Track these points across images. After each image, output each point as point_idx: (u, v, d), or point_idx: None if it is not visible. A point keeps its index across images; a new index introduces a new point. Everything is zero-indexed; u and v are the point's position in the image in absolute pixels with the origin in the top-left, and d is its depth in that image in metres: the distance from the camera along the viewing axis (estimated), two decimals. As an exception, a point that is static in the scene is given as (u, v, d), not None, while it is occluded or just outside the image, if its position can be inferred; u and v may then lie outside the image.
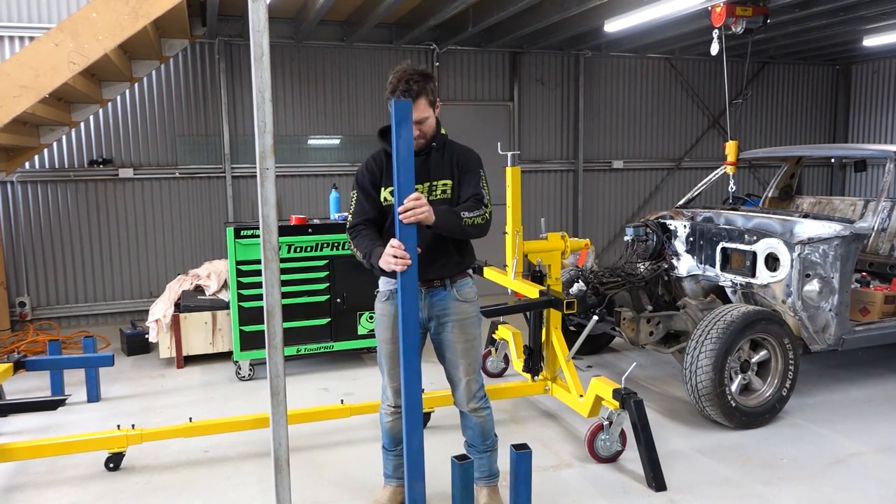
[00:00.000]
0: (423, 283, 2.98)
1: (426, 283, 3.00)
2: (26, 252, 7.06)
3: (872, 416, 4.50)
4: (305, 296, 5.42)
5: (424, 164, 2.99)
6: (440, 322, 3.05)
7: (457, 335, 3.05)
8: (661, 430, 4.20)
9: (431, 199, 2.95)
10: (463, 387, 3.12)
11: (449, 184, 3.02)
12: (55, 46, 4.54)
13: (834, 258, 4.45)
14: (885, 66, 10.04)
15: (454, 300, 3.05)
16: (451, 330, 3.05)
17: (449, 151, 3.05)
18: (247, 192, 7.71)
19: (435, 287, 3.03)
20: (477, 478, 3.23)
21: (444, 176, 3.02)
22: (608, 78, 9.27)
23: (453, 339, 3.05)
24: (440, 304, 3.04)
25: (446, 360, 3.12)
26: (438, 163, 3.02)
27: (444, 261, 3.02)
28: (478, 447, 3.21)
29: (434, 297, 3.04)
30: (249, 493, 3.55)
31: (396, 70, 2.89)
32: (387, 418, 3.20)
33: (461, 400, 3.15)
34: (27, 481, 3.71)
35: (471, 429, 3.20)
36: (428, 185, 3.00)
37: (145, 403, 4.89)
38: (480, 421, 3.18)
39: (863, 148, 6.20)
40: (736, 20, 5.69)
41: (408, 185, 2.61)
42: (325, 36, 7.71)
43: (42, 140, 6.19)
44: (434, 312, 3.05)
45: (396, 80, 2.84)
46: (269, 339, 2.36)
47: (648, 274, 5.21)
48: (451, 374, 3.14)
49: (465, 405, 3.15)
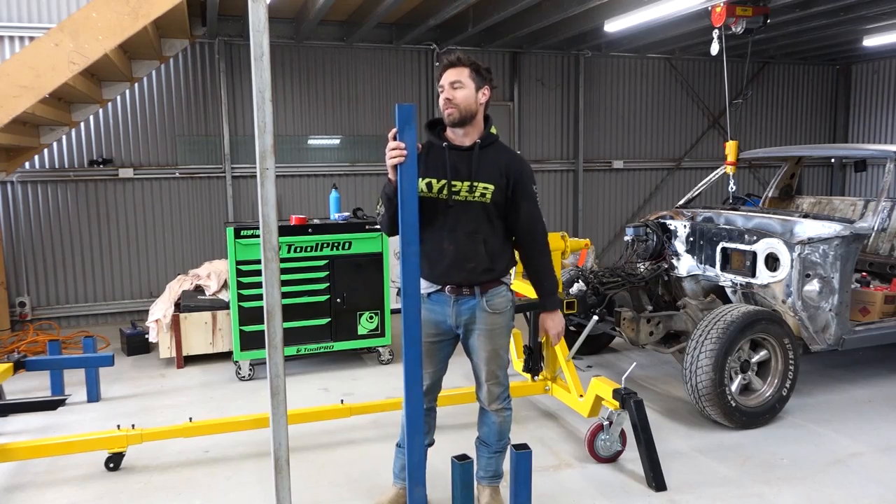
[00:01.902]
0: (452, 289, 2.93)
1: (455, 290, 2.94)
2: (26, 252, 7.06)
3: (872, 416, 4.50)
4: (305, 296, 5.41)
5: (467, 161, 2.89)
6: (468, 329, 3.00)
7: (482, 343, 3.00)
8: (661, 430, 4.20)
9: (466, 200, 2.87)
10: (485, 390, 3.11)
11: (490, 188, 2.87)
12: (55, 46, 4.54)
13: (834, 258, 4.44)
14: (885, 66, 10.04)
15: (483, 311, 2.96)
16: (478, 338, 3.00)
17: (498, 154, 2.94)
18: (247, 192, 7.71)
19: (464, 295, 2.94)
20: (481, 477, 3.23)
21: (488, 179, 2.88)
22: (608, 78, 9.27)
23: (479, 347, 3.02)
24: (468, 313, 2.97)
25: (472, 362, 3.11)
26: (484, 163, 2.90)
27: (474, 266, 2.91)
28: (492, 446, 3.20)
29: (462, 306, 2.96)
30: (249, 493, 3.55)
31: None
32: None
33: (483, 400, 3.16)
34: (27, 481, 3.71)
35: (488, 426, 3.18)
36: (468, 185, 2.87)
37: (145, 403, 4.89)
38: (500, 421, 3.15)
39: (863, 148, 6.20)
40: (736, 20, 5.69)
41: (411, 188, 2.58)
42: (325, 36, 7.71)
43: (42, 140, 6.19)
44: (462, 321, 2.98)
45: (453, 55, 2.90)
46: (269, 339, 2.36)
47: (648, 274, 5.21)
48: (477, 375, 3.13)
49: (486, 405, 3.15)
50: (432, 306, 2.98)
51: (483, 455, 3.22)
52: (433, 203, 2.87)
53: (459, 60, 2.88)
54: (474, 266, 2.90)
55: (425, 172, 2.87)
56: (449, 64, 2.89)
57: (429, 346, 2.98)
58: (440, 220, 2.89)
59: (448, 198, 2.86)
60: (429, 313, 2.97)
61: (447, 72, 2.88)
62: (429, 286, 2.97)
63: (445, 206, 2.87)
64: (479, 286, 2.94)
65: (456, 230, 2.86)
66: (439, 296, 2.97)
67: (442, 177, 2.87)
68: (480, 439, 3.24)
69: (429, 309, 2.97)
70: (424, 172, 2.86)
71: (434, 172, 2.88)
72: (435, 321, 3.00)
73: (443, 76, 2.89)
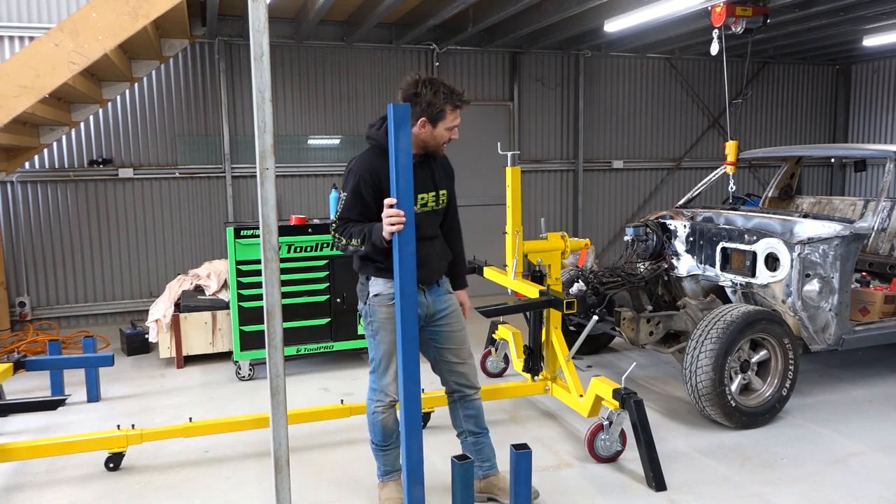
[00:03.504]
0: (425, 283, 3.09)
1: (428, 283, 3.11)
2: (26, 252, 7.06)
3: (872, 416, 4.51)
4: (305, 296, 5.42)
5: (428, 173, 3.07)
6: (437, 314, 3.16)
7: (456, 320, 3.22)
8: (661, 430, 4.20)
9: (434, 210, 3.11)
10: (468, 367, 3.25)
11: (445, 193, 3.17)
12: (55, 46, 4.54)
13: (834, 258, 4.45)
14: (885, 66, 10.04)
15: (448, 293, 3.24)
16: (450, 317, 3.19)
17: (440, 160, 3.15)
18: (247, 192, 7.71)
19: (432, 286, 3.16)
20: (489, 467, 3.32)
21: (443, 185, 3.14)
22: (608, 78, 9.27)
23: (453, 325, 3.20)
24: (437, 298, 3.17)
25: (444, 350, 3.20)
26: (439, 171, 3.13)
27: (444, 263, 3.23)
28: (483, 431, 3.32)
29: (432, 294, 3.16)
30: (249, 493, 3.55)
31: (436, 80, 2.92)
32: (381, 415, 3.20)
33: (472, 379, 3.26)
34: (27, 481, 3.71)
35: (475, 410, 3.29)
36: (434, 195, 3.08)
37: (145, 403, 4.89)
38: (480, 403, 3.31)
39: (863, 148, 6.20)
40: (736, 20, 5.69)
41: (407, 191, 2.57)
42: (325, 36, 7.71)
43: (42, 140, 6.19)
44: (434, 308, 3.16)
45: (450, 89, 2.90)
46: (269, 339, 2.36)
47: (648, 274, 5.21)
48: (454, 360, 3.22)
49: (473, 382, 3.26)
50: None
51: (482, 444, 3.32)
52: None
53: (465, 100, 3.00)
54: (444, 264, 3.22)
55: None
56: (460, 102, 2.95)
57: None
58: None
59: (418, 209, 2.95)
60: None
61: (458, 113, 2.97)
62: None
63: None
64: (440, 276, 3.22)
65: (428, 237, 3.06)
66: None
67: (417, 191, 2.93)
68: (469, 432, 3.31)
69: None
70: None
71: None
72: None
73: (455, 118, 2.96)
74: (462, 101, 2.95)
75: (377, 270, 3.05)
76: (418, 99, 2.88)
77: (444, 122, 2.93)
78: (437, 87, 2.88)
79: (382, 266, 3.00)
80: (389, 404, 3.17)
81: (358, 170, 2.96)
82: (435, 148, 3.02)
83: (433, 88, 2.87)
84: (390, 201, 2.59)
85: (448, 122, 2.94)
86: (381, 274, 3.03)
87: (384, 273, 3.00)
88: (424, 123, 2.92)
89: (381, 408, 3.19)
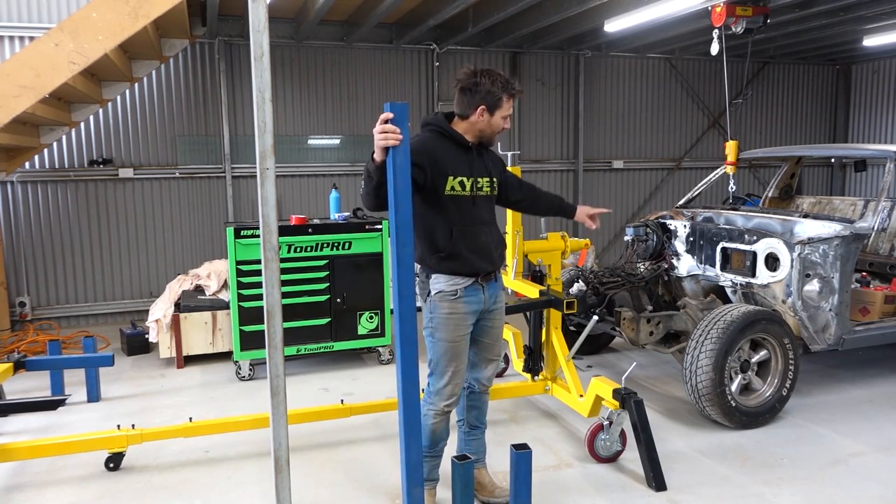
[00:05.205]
0: (484, 276, 3.05)
1: (486, 277, 3.07)
2: (26, 252, 7.06)
3: (873, 416, 4.50)
4: (305, 296, 5.41)
5: (482, 161, 3.09)
6: (489, 311, 3.12)
7: (499, 320, 3.22)
8: (661, 430, 4.20)
9: (489, 196, 3.11)
10: (493, 367, 3.28)
11: (496, 181, 3.16)
12: (55, 46, 4.54)
13: (834, 258, 4.44)
14: (885, 66, 10.04)
15: (502, 289, 3.23)
16: (496, 317, 3.18)
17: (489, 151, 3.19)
18: (247, 192, 7.71)
19: (490, 280, 3.10)
20: (478, 460, 3.34)
21: (495, 173, 3.15)
22: (608, 78, 9.27)
23: (496, 325, 3.20)
24: (494, 296, 3.13)
25: (481, 344, 3.19)
26: (490, 160, 3.16)
27: (502, 251, 3.18)
28: (482, 426, 3.36)
29: (490, 290, 3.10)
30: (249, 493, 3.55)
31: (493, 70, 3.00)
32: (431, 420, 3.10)
33: (490, 377, 3.29)
34: (27, 481, 3.71)
35: (480, 408, 3.32)
36: (489, 181, 3.09)
37: (145, 403, 4.89)
38: (487, 399, 3.35)
39: (863, 148, 6.20)
40: (736, 20, 5.69)
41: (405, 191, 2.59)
42: (325, 36, 7.71)
43: (42, 140, 6.19)
44: (490, 304, 3.11)
45: (505, 78, 3.00)
46: (269, 339, 2.36)
47: (648, 274, 5.21)
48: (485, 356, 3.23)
49: (488, 382, 3.29)
50: (469, 298, 3.02)
51: (476, 438, 3.35)
52: (458, 200, 2.96)
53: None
54: (502, 252, 3.17)
55: (455, 171, 2.95)
56: (514, 91, 3.06)
57: (463, 341, 3.06)
58: (468, 216, 2.99)
59: (475, 194, 3.00)
60: (468, 306, 3.02)
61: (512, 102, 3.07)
62: (464, 280, 2.99)
63: (471, 201, 2.99)
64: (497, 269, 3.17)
65: (486, 223, 3.05)
66: (473, 287, 3.02)
67: (469, 174, 2.99)
68: (470, 425, 3.33)
69: (466, 302, 3.01)
70: (454, 171, 2.95)
71: (463, 171, 2.98)
72: (474, 312, 3.06)
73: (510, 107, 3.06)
74: (516, 91, 3.06)
75: (438, 262, 2.96)
76: (477, 88, 2.96)
77: (500, 111, 3.02)
78: (494, 76, 2.98)
79: (443, 255, 2.94)
80: (443, 410, 3.08)
81: (414, 144, 2.87)
82: (490, 136, 3.07)
83: (491, 78, 2.97)
84: (386, 116, 2.54)
85: (504, 110, 3.02)
86: (442, 268, 2.96)
87: (446, 264, 2.95)
88: (483, 112, 2.98)
89: (432, 412, 3.09)
